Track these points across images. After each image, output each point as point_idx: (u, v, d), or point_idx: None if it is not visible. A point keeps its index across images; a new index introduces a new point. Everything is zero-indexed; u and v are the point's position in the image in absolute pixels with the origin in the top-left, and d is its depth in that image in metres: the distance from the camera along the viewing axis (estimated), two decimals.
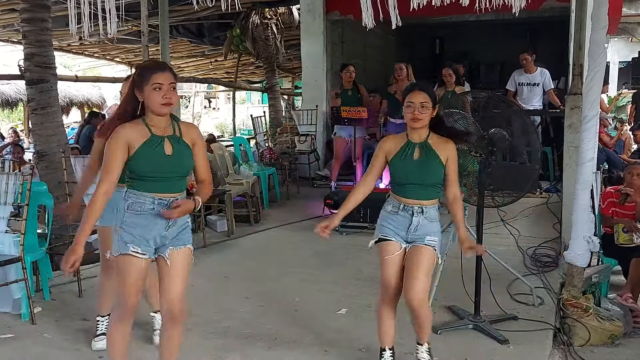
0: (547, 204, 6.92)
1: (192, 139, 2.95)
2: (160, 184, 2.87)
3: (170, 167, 2.87)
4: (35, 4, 6.18)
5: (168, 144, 2.86)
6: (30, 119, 6.71)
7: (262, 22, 11.32)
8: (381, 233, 3.34)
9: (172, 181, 2.90)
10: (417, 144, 3.27)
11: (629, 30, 13.36)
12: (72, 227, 5.14)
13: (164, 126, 2.89)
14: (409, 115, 3.23)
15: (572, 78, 5.68)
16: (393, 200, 3.34)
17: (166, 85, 2.80)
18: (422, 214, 3.25)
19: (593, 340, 4.01)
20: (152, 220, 2.88)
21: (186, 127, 2.98)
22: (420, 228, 3.25)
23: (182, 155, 2.90)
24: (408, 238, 3.28)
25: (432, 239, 3.26)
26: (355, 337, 3.99)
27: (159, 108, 2.82)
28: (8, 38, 11.65)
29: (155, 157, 2.83)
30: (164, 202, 2.87)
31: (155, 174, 2.86)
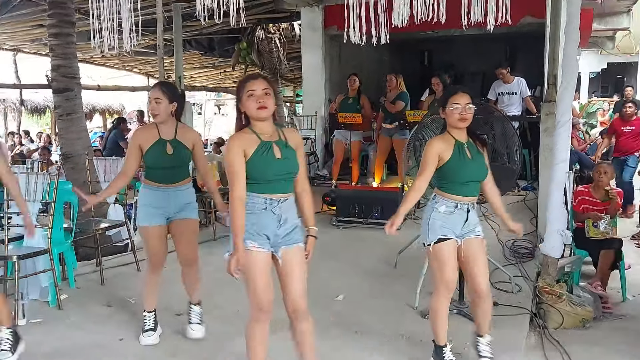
0: (524, 200, 6.91)
1: (295, 144, 2.89)
2: (272, 186, 2.81)
3: (281, 170, 2.81)
4: (62, 21, 6.18)
5: (277, 149, 2.80)
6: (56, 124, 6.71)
7: (266, 37, 11.31)
8: (441, 234, 3.15)
9: (282, 182, 2.84)
10: (465, 144, 3.18)
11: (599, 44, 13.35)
12: (94, 222, 5.16)
13: (270, 132, 2.82)
14: (457, 116, 3.10)
15: (547, 87, 5.69)
16: (446, 200, 3.18)
17: (259, 91, 2.74)
18: (473, 209, 3.22)
19: (566, 323, 4.02)
20: (265, 218, 2.80)
21: (289, 133, 2.92)
22: (471, 222, 3.21)
23: (290, 159, 2.84)
24: (461, 234, 3.20)
25: (480, 229, 3.26)
26: (351, 321, 3.99)
27: (256, 113, 2.75)
28: (37, 51, 11.64)
29: (268, 161, 2.77)
30: (275, 202, 2.81)
31: (269, 177, 2.80)
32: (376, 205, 6.30)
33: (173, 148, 3.53)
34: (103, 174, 5.30)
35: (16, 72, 12.13)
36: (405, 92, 7.51)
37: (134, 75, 15.44)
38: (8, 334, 3.35)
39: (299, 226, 2.89)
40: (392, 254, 5.19)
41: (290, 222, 2.84)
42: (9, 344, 3.33)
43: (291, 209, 2.86)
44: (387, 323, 3.95)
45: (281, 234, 2.83)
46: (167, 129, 3.55)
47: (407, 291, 4.42)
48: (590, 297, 4.49)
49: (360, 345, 3.63)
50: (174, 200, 3.60)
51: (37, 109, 15.19)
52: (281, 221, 2.81)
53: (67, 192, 4.67)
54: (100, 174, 5.31)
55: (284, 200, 2.82)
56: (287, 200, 2.83)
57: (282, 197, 2.81)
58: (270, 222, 2.80)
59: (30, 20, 8.88)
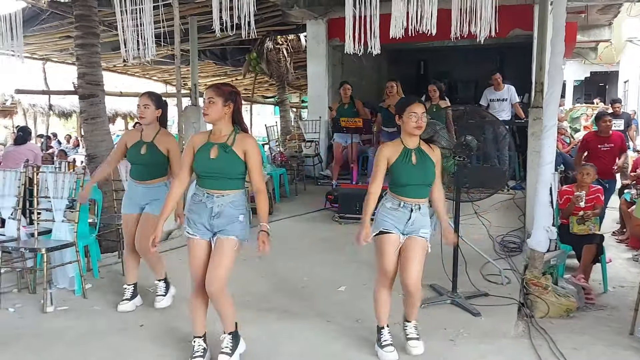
0: (513, 199, 6.90)
1: (243, 149, 3.01)
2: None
3: (213, 169, 2.98)
4: (87, 32, 6.19)
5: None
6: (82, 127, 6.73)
7: (275, 47, 11.33)
8: (382, 227, 3.21)
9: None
10: (413, 150, 3.20)
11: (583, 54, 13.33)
12: (117, 217, 5.16)
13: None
14: (413, 124, 3.14)
15: (534, 94, 5.67)
16: (392, 198, 3.23)
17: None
18: (418, 210, 3.19)
19: (551, 313, 4.01)
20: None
21: (241, 139, 3.03)
22: (416, 222, 3.19)
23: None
24: (405, 231, 3.20)
25: (425, 231, 3.21)
26: (352, 310, 3.99)
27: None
28: (64, 60, 11.67)
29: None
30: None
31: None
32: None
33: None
34: (125, 173, 5.31)
35: (45, 80, 12.16)
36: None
37: (153, 83, 15.47)
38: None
39: (237, 221, 3.01)
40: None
41: (224, 216, 2.97)
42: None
43: (228, 205, 2.97)
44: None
45: (215, 224, 2.99)
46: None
47: None
48: (574, 289, 4.47)
49: (360, 332, 3.62)
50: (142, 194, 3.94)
51: (64, 114, 15.25)
52: (213, 214, 2.97)
53: (92, 190, 4.69)
54: (122, 173, 5.31)
55: (219, 196, 2.97)
56: (222, 196, 2.97)
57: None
58: (203, 213, 2.99)
59: (58, 32, 8.90)
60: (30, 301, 4.14)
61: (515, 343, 3.52)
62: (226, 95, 2.98)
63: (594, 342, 3.55)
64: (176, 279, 4.18)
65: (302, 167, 8.74)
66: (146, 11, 4.92)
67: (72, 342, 3.49)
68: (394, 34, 4.36)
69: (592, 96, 15.02)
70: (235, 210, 2.99)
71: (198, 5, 7.75)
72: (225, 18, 4.49)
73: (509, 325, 3.76)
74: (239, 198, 3.02)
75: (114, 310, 3.98)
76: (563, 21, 4.20)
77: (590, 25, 10.06)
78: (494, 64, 9.88)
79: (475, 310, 3.91)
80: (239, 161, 2.98)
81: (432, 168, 3.20)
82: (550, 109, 4.30)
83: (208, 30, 8.17)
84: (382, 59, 10.65)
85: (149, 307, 4.04)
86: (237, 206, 3.00)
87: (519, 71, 8.86)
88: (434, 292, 4.31)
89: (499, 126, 4.88)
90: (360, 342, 3.47)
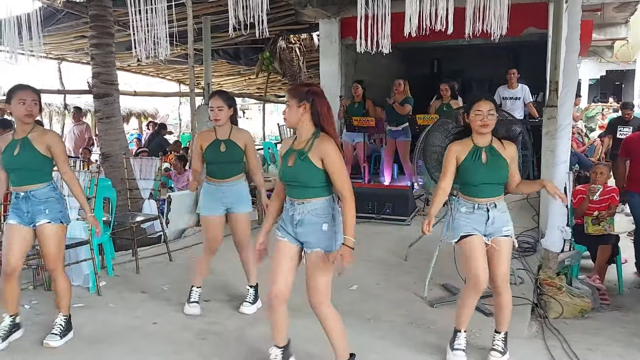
0: (527, 198, 6.85)
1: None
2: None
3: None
4: (102, 32, 6.25)
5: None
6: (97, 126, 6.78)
7: (287, 46, 11.33)
8: (462, 231, 3.12)
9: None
10: (483, 148, 3.12)
11: (598, 53, 13.17)
12: (130, 216, 5.21)
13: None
14: (478, 122, 3.06)
15: (549, 93, 5.62)
16: (466, 202, 3.15)
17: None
18: (495, 209, 3.11)
19: (565, 313, 3.98)
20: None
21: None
22: (497, 221, 3.11)
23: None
24: (486, 231, 3.12)
25: (507, 229, 3.15)
26: (365, 309, 3.99)
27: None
28: (79, 60, 11.79)
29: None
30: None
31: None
32: (388, 202, 6.29)
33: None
34: (139, 172, 5.36)
35: (60, 79, 12.29)
36: (410, 96, 7.50)
37: (167, 82, 15.56)
38: (62, 321, 3.48)
39: (320, 231, 2.76)
40: (402, 247, 5.17)
41: (305, 224, 2.76)
42: (61, 329, 3.45)
43: (309, 214, 2.75)
44: (398, 311, 3.94)
45: (298, 233, 2.80)
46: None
47: (417, 282, 4.41)
48: (589, 289, 4.43)
49: (373, 331, 3.62)
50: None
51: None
52: (295, 221, 2.78)
53: (106, 188, 4.74)
54: (136, 172, 5.36)
55: (300, 204, 2.76)
56: (303, 204, 2.76)
57: (298, 201, 2.77)
58: (288, 221, 2.84)
59: (73, 32, 9.00)
60: (45, 298, 4.19)
61: (529, 343, 3.49)
62: (300, 96, 2.73)
63: (608, 343, 3.52)
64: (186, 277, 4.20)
65: None
66: (159, 11, 4.96)
67: (88, 338, 3.52)
68: (408, 32, 4.35)
69: (608, 95, 14.83)
70: (318, 218, 2.74)
71: (211, 5, 7.78)
72: (239, 17, 4.51)
73: (522, 325, 3.73)
74: (321, 206, 2.74)
75: (128, 307, 4.01)
76: (578, 19, 4.16)
77: (606, 23, 9.93)
78: (507, 62, 9.81)
79: (487, 310, 3.88)
80: (315, 169, 2.69)
81: (504, 166, 3.11)
82: (565, 108, 4.26)
83: (221, 30, 8.23)
84: (396, 58, 10.61)
85: (162, 305, 4.07)
86: (319, 215, 2.74)
87: (533, 70, 8.79)
88: (447, 291, 4.29)
89: (512, 125, 4.84)
90: (374, 341, 3.46)
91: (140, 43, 4.98)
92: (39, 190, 3.36)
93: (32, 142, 3.33)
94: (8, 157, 3.34)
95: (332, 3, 8.57)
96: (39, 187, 3.36)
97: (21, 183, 3.36)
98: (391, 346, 3.40)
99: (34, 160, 3.33)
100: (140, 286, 4.47)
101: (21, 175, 3.35)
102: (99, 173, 4.58)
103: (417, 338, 3.51)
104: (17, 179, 3.37)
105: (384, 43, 4.54)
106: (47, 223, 3.35)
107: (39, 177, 3.37)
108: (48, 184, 3.41)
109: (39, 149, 3.33)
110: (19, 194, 3.38)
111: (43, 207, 3.35)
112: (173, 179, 8.02)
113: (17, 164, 3.33)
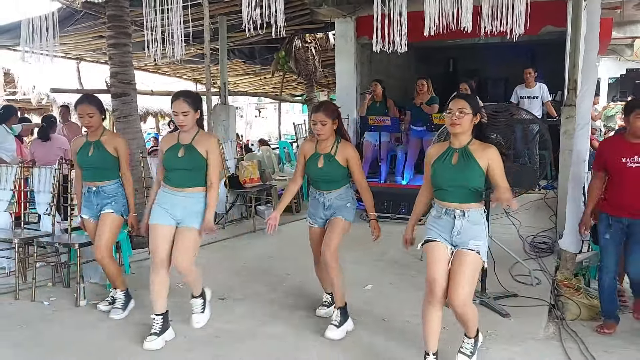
0: (544, 199, 6.78)
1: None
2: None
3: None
4: (119, 32, 6.30)
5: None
6: (114, 125, 6.84)
7: (303, 46, 11.34)
8: (427, 235, 2.97)
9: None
10: (456, 150, 2.91)
11: (618, 51, 12.99)
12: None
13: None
14: (448, 121, 2.90)
15: (567, 92, 5.56)
16: (436, 205, 3.00)
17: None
18: (464, 218, 2.86)
19: (583, 315, 3.92)
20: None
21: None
22: (464, 232, 2.85)
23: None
24: (452, 241, 2.89)
25: (476, 243, 2.84)
26: (379, 309, 3.98)
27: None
28: (97, 59, 11.91)
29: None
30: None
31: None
32: (404, 201, 6.27)
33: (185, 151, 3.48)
34: (155, 171, 5.40)
35: (79, 79, 12.45)
36: (435, 95, 7.44)
37: (183, 82, 15.67)
38: (122, 295, 3.92)
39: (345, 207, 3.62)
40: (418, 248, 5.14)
41: (333, 207, 3.61)
42: (122, 302, 3.90)
43: (335, 199, 3.59)
44: (412, 312, 3.92)
45: (328, 214, 3.66)
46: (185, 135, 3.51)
47: None
48: None
49: (387, 331, 3.62)
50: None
51: None
52: (325, 207, 3.62)
53: None
54: (153, 170, 5.40)
55: (328, 193, 3.60)
56: (330, 193, 3.60)
57: (327, 192, 3.61)
58: (318, 207, 3.68)
59: (91, 32, 9.09)
60: (64, 295, 4.25)
61: (545, 345, 3.46)
62: (334, 115, 3.52)
63: (626, 345, 3.47)
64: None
65: None
66: (175, 11, 4.99)
67: (105, 334, 3.57)
68: (427, 32, 4.32)
69: (628, 94, 14.61)
70: (343, 201, 3.59)
71: (227, 5, 7.81)
72: (255, 17, 4.53)
73: (538, 326, 3.70)
74: (344, 192, 3.60)
75: (144, 304, 4.04)
76: (598, 17, 4.11)
77: (626, 21, 9.79)
78: (525, 61, 9.71)
79: (504, 311, 3.86)
80: (341, 168, 3.53)
81: (474, 169, 2.84)
82: (584, 107, 4.21)
83: (237, 30, 8.26)
84: (411, 57, 10.57)
85: (177, 302, 4.09)
86: (343, 198, 3.59)
87: (551, 69, 8.69)
88: None
89: (529, 125, 4.79)
90: (387, 342, 3.45)
91: (156, 43, 5.02)
92: (108, 186, 3.89)
93: (104, 144, 3.88)
94: (82, 157, 3.88)
95: (348, 2, 8.55)
96: (108, 184, 3.89)
97: (94, 179, 3.88)
98: (405, 347, 3.39)
99: (105, 160, 3.87)
100: None
101: (94, 173, 3.88)
102: None
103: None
104: (90, 175, 3.89)
105: (400, 42, 4.53)
106: (110, 212, 3.85)
107: (108, 175, 3.90)
108: (116, 181, 3.94)
109: (110, 150, 3.88)
110: (91, 188, 3.89)
111: (110, 200, 3.86)
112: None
113: (91, 163, 3.86)
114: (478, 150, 2.88)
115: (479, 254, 2.85)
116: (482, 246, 2.87)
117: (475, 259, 2.84)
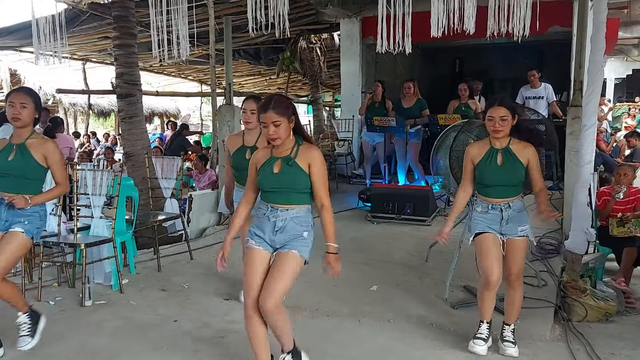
0: (550, 200, 6.74)
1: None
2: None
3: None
4: (125, 33, 6.33)
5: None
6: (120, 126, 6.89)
7: (308, 46, 11.36)
8: (477, 229, 3.24)
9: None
10: (499, 150, 3.19)
11: (624, 51, 12.96)
12: (152, 215, 5.27)
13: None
14: (490, 128, 3.15)
15: (573, 92, 5.54)
16: (480, 202, 3.27)
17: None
18: (509, 209, 3.19)
19: (589, 317, 3.91)
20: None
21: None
22: (511, 220, 3.19)
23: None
24: (502, 230, 3.21)
25: (523, 228, 3.21)
26: (384, 310, 3.97)
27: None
28: (103, 60, 11.98)
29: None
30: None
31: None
32: (408, 202, 6.25)
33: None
34: (160, 171, 5.42)
35: (85, 79, 12.52)
36: (422, 98, 7.49)
37: (189, 82, 15.72)
38: (25, 318, 3.28)
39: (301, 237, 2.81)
40: (423, 248, 5.14)
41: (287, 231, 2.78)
42: (28, 327, 3.28)
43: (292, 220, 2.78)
44: (418, 312, 3.92)
45: (277, 240, 2.79)
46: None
47: (438, 283, 4.38)
48: (613, 292, 4.35)
49: (393, 332, 3.61)
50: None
51: (103, 112, 15.66)
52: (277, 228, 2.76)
53: (129, 187, 4.80)
54: (158, 171, 5.41)
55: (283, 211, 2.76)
56: (287, 211, 2.75)
57: (282, 207, 2.76)
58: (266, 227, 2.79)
59: (97, 33, 9.14)
60: (69, 295, 4.27)
61: (552, 347, 3.44)
62: (288, 112, 2.67)
63: (633, 347, 3.45)
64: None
65: (335, 166, 8.75)
66: (180, 12, 5.01)
67: (110, 335, 3.58)
68: (433, 33, 4.32)
69: (634, 94, 14.56)
70: (300, 226, 2.76)
71: (232, 5, 7.84)
72: (259, 18, 4.54)
73: (544, 328, 3.68)
74: (303, 214, 2.78)
75: (149, 305, 4.06)
76: (604, 17, 4.09)
77: (633, 21, 9.76)
78: (531, 61, 9.68)
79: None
80: (302, 174, 2.70)
81: (519, 168, 3.16)
82: (590, 107, 4.19)
83: (242, 30, 8.27)
84: (417, 57, 10.56)
85: (183, 303, 4.11)
86: (301, 222, 2.77)
87: (557, 69, 8.68)
88: (468, 293, 4.25)
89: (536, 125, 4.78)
90: (393, 343, 3.45)
91: (161, 43, 5.04)
92: None
93: (30, 149, 3.15)
94: (1, 161, 3.13)
95: (353, 2, 8.56)
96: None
97: (8, 189, 3.11)
98: (411, 348, 3.38)
99: (28, 168, 3.14)
100: (162, 284, 4.52)
101: (11, 182, 3.12)
102: (121, 172, 4.63)
103: (438, 340, 3.48)
104: (4, 184, 3.12)
105: (405, 43, 4.52)
106: (19, 232, 3.10)
107: (29, 187, 3.15)
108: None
109: (36, 157, 3.15)
110: (3, 200, 3.10)
111: (23, 219, 3.11)
112: (194, 179, 8.10)
113: (9, 170, 3.11)
114: (519, 149, 3.17)
115: (527, 237, 3.24)
116: (528, 229, 3.24)
117: (525, 242, 3.24)
